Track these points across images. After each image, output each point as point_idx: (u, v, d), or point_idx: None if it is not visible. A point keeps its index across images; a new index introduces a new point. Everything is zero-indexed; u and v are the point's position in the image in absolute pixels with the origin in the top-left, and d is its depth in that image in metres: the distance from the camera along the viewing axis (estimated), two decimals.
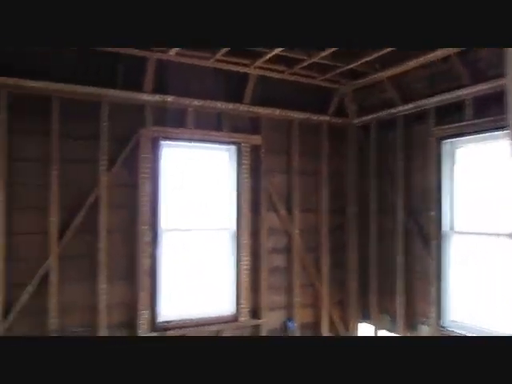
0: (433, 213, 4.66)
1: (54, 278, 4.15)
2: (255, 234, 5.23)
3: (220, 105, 5.00)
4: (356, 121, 5.71)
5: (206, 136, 4.97)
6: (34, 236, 4.14)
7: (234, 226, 5.14)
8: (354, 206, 5.76)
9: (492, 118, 4.09)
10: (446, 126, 4.53)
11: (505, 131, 3.42)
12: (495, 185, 4.24)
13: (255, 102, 5.21)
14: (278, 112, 5.32)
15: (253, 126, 5.29)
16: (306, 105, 5.56)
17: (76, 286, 4.29)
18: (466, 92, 4.33)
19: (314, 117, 5.55)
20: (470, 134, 4.36)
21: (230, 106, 5.06)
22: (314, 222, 5.64)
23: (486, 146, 4.35)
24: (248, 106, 5.15)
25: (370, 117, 5.51)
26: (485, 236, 4.31)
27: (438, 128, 4.62)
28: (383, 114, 5.31)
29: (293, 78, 5.18)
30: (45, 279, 4.13)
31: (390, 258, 5.24)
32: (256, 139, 5.21)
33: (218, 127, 5.04)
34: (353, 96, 5.64)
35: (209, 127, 4.99)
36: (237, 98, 5.12)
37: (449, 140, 4.59)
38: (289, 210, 5.44)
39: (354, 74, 5.27)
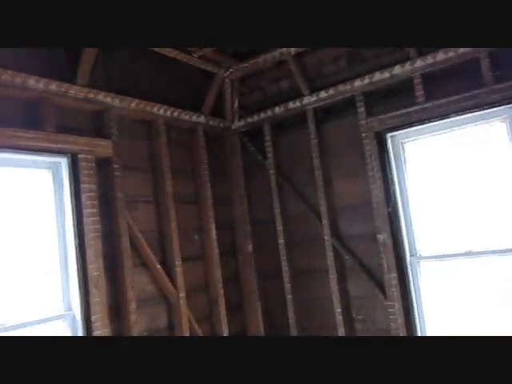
0: (382, 235, 3.33)
1: None
2: (116, 312, 2.96)
3: (34, 83, 2.68)
4: (240, 123, 4.08)
5: (9, 139, 2.55)
6: None
7: (76, 305, 2.77)
8: (249, 242, 4.02)
9: (450, 99, 3.04)
10: (390, 114, 3.31)
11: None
12: (459, 189, 3.19)
13: (97, 84, 3.07)
14: (134, 104, 3.27)
15: (97, 124, 3.10)
16: (174, 96, 3.67)
17: None
18: (411, 67, 3.21)
19: (186, 116, 3.69)
20: (421, 122, 3.23)
21: (54, 86, 2.78)
22: (202, 274, 3.68)
23: (439, 138, 3.28)
24: (86, 88, 2.96)
25: (260, 116, 3.95)
26: (462, 257, 3.16)
27: (376, 118, 3.37)
28: (281, 110, 3.83)
29: (153, 49, 3.25)
30: None
31: (321, 311, 3.69)
32: (103, 146, 3.02)
33: (33, 124, 2.69)
34: (236, 86, 4.01)
35: (14, 123, 2.60)
36: (66, 74, 2.89)
37: (394, 133, 3.38)
38: (165, 262, 3.36)
39: (246, 53, 3.69)
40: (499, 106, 2.93)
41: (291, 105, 3.77)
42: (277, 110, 3.85)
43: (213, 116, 3.92)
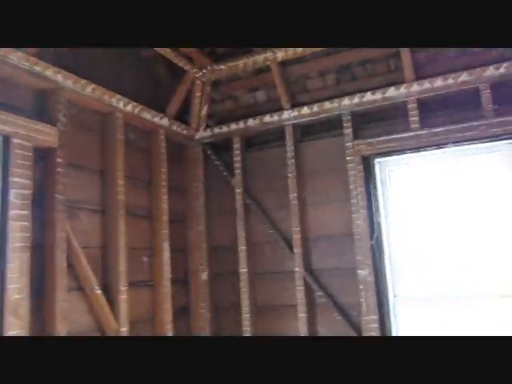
0: (363, 271, 2.97)
1: None
2: None
3: None
4: (206, 133, 3.60)
5: None
6: None
7: None
8: (204, 270, 3.47)
9: (447, 128, 2.84)
10: (380, 139, 3.02)
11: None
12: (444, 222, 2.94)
13: (46, 56, 2.44)
14: (90, 88, 2.67)
15: (40, 105, 2.46)
16: (135, 89, 3.12)
17: None
18: (407, 91, 2.98)
19: (148, 114, 3.14)
20: (414, 150, 2.98)
21: None
22: (149, 305, 3.04)
23: (431, 168, 3.05)
24: (32, 57, 2.33)
25: (230, 128, 3.51)
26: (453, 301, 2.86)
27: (365, 142, 3.07)
28: (255, 123, 3.42)
29: None
30: None
31: None
32: (46, 134, 2.38)
33: None
34: (207, 90, 3.53)
35: None
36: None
37: (383, 159, 3.09)
38: (108, 287, 2.70)
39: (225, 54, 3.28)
40: (500, 140, 2.76)
41: (268, 118, 3.37)
42: (250, 122, 3.43)
43: (176, 120, 3.41)
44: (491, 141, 2.77)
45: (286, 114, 3.32)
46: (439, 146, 2.88)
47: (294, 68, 3.28)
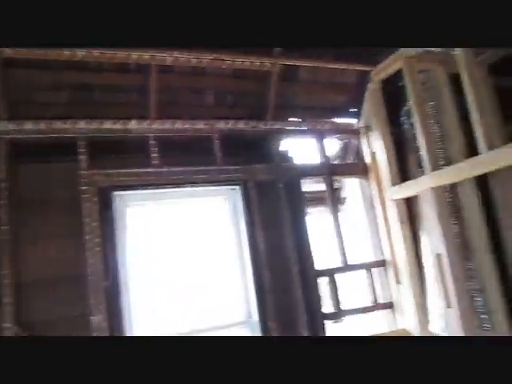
0: (97, 317, 2.58)
1: None
2: None
3: None
4: None
5: None
6: None
7: None
8: None
9: (185, 169, 3.02)
10: (120, 171, 2.81)
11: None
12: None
13: None
14: None
15: None
16: None
17: None
18: (149, 127, 2.97)
19: None
20: (154, 186, 2.95)
21: None
22: None
23: (168, 206, 3.08)
24: None
25: None
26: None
27: (103, 172, 2.78)
28: None
29: None
30: None
31: None
32: None
33: None
34: None
35: None
36: None
37: (122, 193, 2.86)
38: None
39: None
40: (224, 185, 3.14)
41: None
42: None
43: None
44: (219, 185, 3.12)
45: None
46: (177, 184, 2.99)
47: (20, 72, 2.66)
